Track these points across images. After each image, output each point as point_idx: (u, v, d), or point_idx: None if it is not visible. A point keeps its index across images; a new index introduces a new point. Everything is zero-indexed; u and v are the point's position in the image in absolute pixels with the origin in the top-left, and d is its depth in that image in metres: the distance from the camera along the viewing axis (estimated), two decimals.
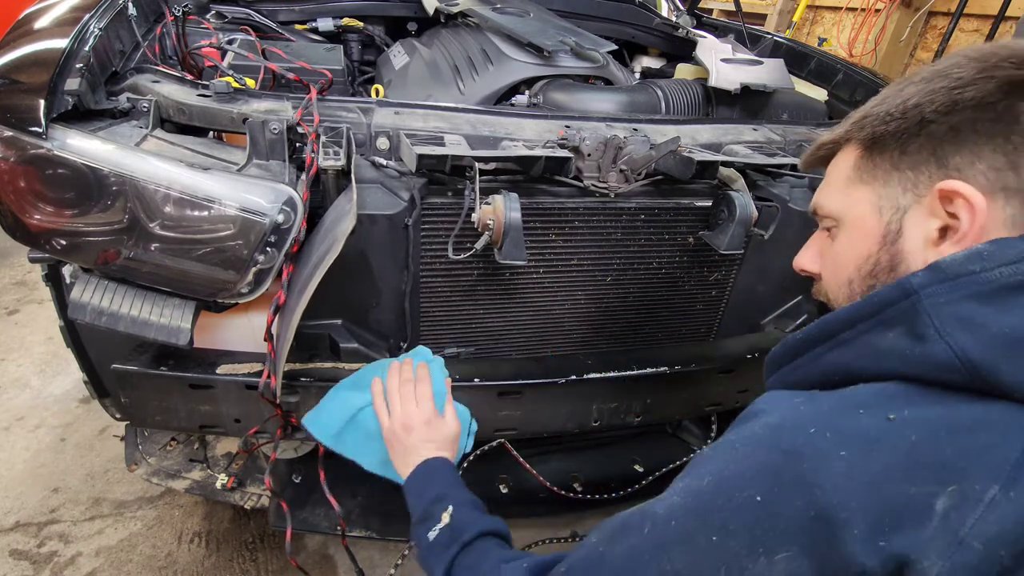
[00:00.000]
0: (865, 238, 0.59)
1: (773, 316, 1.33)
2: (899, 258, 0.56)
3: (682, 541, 0.50)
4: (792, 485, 0.46)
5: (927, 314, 0.48)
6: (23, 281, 2.56)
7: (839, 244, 0.63)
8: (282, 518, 1.19)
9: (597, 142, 0.99)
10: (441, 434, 0.90)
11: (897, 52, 4.19)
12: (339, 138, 0.92)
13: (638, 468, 1.49)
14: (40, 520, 1.54)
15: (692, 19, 1.97)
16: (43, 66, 0.85)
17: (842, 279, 0.63)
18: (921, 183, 0.55)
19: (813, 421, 0.49)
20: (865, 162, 0.59)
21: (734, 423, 0.59)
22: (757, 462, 0.49)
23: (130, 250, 0.84)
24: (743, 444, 0.53)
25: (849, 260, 0.61)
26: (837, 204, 0.63)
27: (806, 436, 0.48)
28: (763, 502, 0.47)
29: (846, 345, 0.54)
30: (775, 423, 0.51)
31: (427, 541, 0.82)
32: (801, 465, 0.46)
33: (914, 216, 0.55)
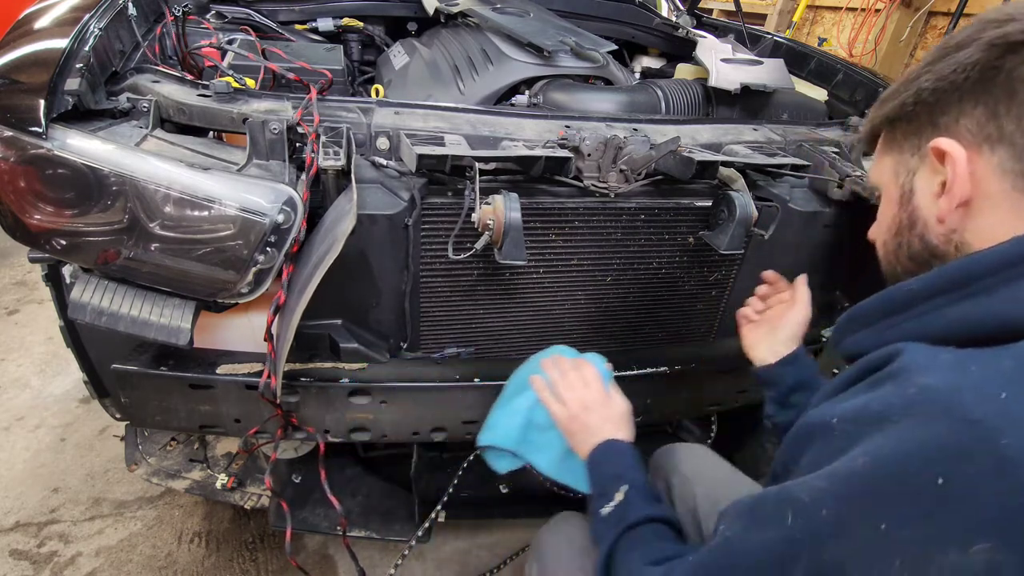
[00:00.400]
0: (890, 201, 0.65)
1: None
2: (915, 215, 0.61)
3: (840, 533, 0.44)
4: (989, 465, 0.39)
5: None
6: (23, 281, 2.56)
7: (879, 210, 0.68)
8: (282, 518, 1.19)
9: (597, 142, 0.99)
10: (617, 412, 0.93)
11: (897, 52, 4.19)
12: (339, 138, 0.92)
13: None
14: (40, 520, 1.54)
15: (692, 19, 1.97)
16: (43, 66, 0.85)
17: (880, 240, 0.68)
18: (922, 145, 0.59)
19: (999, 384, 0.42)
20: (887, 135, 0.66)
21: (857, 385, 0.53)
22: (931, 437, 0.42)
23: (130, 250, 0.84)
24: (900, 414, 0.45)
25: (883, 223, 0.67)
26: (873, 175, 0.70)
27: (997, 404, 0.41)
28: (947, 484, 0.40)
29: (988, 294, 0.49)
30: (942, 386, 0.44)
31: (599, 516, 0.81)
32: (998, 441, 0.39)
33: (921, 176, 0.60)
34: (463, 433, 1.17)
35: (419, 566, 1.51)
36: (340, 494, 1.38)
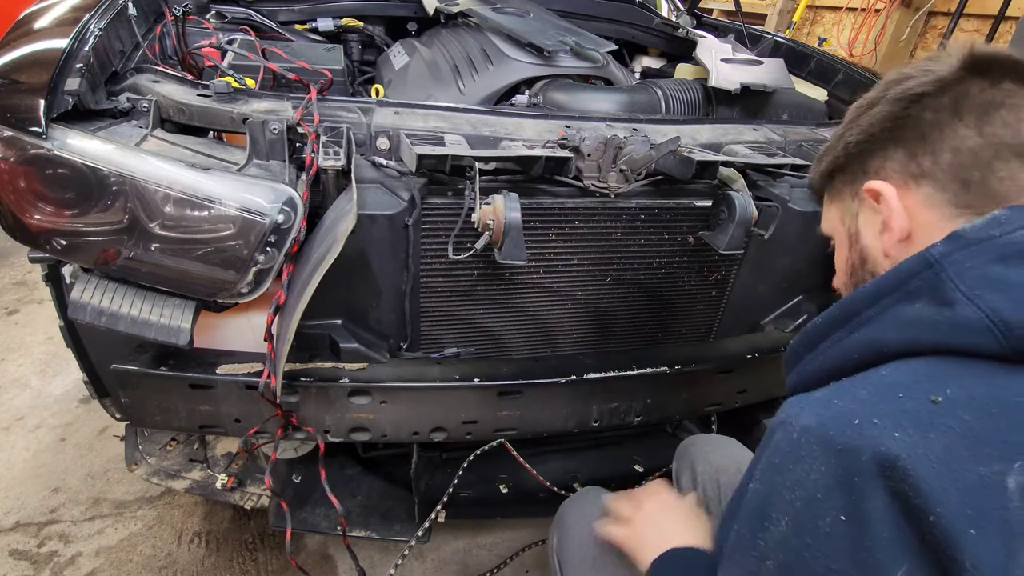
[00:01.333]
0: (841, 245, 0.69)
1: (773, 316, 1.33)
2: (864, 254, 0.64)
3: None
4: (869, 487, 0.43)
5: (952, 280, 0.49)
6: (23, 281, 2.56)
7: (836, 259, 0.72)
8: (282, 518, 1.19)
9: (597, 142, 0.99)
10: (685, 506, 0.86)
11: (897, 52, 4.19)
12: (339, 138, 0.92)
13: (638, 468, 1.50)
14: (40, 520, 1.54)
15: (692, 19, 1.97)
16: (43, 66, 0.85)
17: (841, 285, 0.71)
18: (858, 189, 0.64)
19: (854, 412, 0.46)
20: (829, 188, 0.71)
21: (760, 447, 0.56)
22: (818, 476, 0.46)
23: (130, 250, 0.84)
24: (788, 461, 0.49)
25: (839, 267, 0.71)
26: (824, 225, 0.74)
27: (854, 429, 0.45)
28: (849, 519, 0.43)
29: (871, 322, 0.54)
30: (812, 425, 0.48)
31: None
32: (860, 460, 0.43)
33: (863, 216, 0.64)
34: (463, 433, 1.17)
35: (419, 566, 1.51)
36: (340, 494, 1.38)
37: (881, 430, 0.44)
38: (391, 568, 1.20)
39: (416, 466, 1.37)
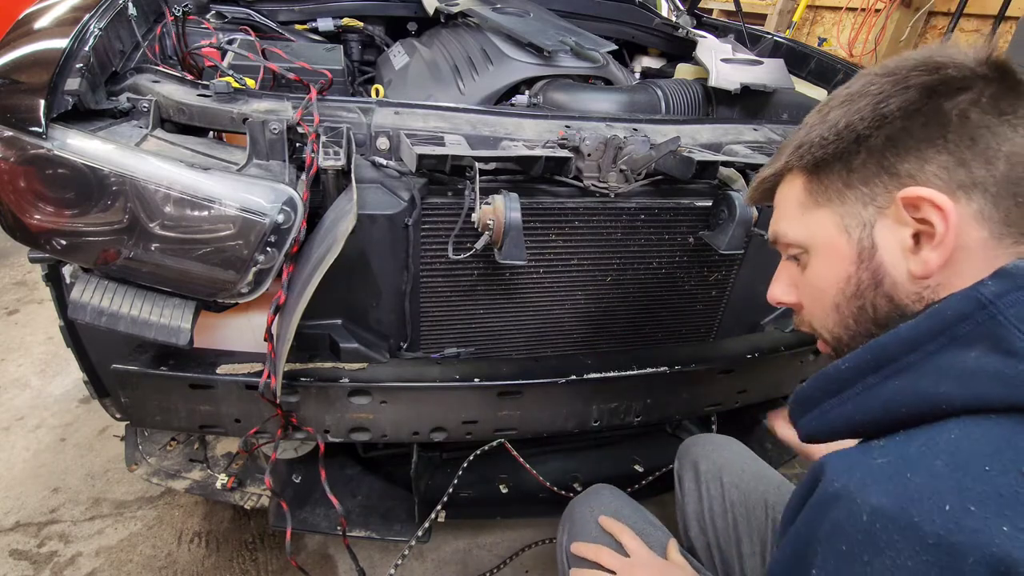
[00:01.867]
0: (840, 260, 0.58)
1: (773, 316, 1.33)
2: (881, 272, 0.55)
3: None
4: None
5: (1015, 326, 0.43)
6: (23, 281, 2.56)
7: (813, 271, 0.61)
8: (282, 518, 1.19)
9: (597, 142, 0.99)
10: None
11: (897, 52, 4.16)
12: (339, 138, 0.92)
13: (638, 468, 1.50)
14: (40, 520, 1.54)
15: (692, 19, 1.97)
16: (43, 66, 0.85)
17: (827, 305, 0.60)
18: (878, 195, 0.54)
19: (937, 492, 0.40)
20: (814, 186, 0.59)
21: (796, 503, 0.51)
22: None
23: (130, 250, 0.84)
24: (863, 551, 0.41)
25: (829, 285, 0.59)
26: (799, 231, 0.61)
27: (947, 518, 0.38)
28: None
29: (912, 370, 0.47)
30: (887, 507, 0.41)
31: None
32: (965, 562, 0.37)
33: (883, 228, 0.54)
34: (463, 433, 1.17)
35: (419, 566, 1.51)
36: (340, 494, 1.38)
37: (983, 521, 0.37)
38: (391, 568, 1.20)
39: (416, 466, 1.37)
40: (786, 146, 0.63)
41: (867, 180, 0.55)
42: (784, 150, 0.63)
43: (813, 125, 0.60)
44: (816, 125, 0.59)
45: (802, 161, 0.60)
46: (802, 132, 0.61)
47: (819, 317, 0.63)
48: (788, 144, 0.63)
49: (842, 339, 0.61)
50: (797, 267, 0.64)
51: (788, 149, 0.62)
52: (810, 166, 0.59)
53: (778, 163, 0.64)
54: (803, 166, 0.60)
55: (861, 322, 0.58)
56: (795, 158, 0.61)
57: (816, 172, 0.59)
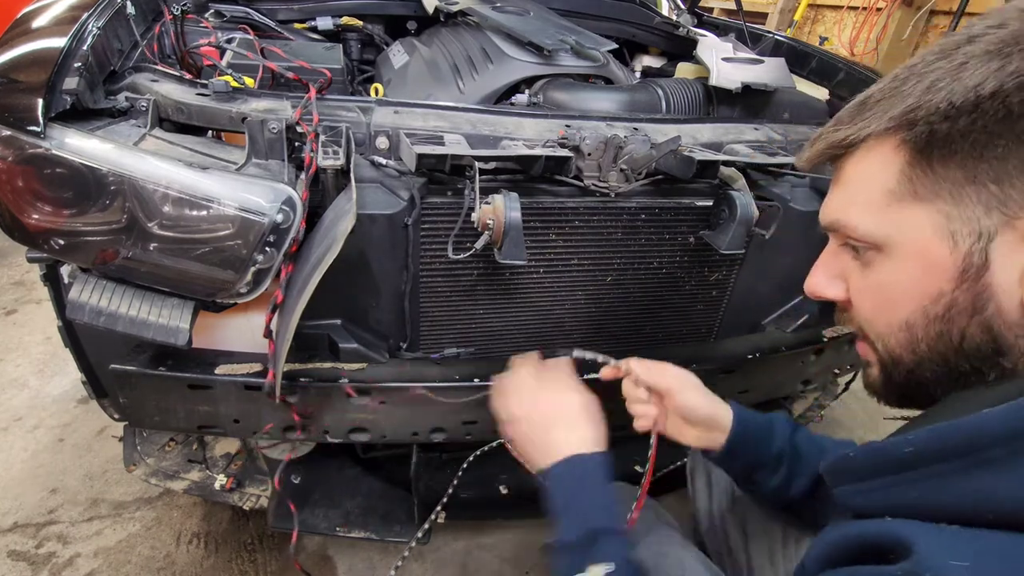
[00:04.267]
0: (931, 271, 0.45)
1: (774, 316, 1.33)
2: (986, 297, 0.43)
3: None
4: None
5: None
6: (21, 281, 2.55)
7: (885, 275, 0.49)
8: (282, 519, 1.19)
9: (597, 141, 0.98)
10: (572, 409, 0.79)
11: (899, 51, 4.19)
12: (338, 137, 0.91)
13: (638, 468, 1.49)
14: (38, 521, 1.54)
15: (693, 18, 1.97)
16: (41, 65, 0.84)
17: (895, 320, 0.49)
18: (1013, 199, 0.41)
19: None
20: (919, 171, 0.45)
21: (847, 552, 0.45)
22: None
23: (128, 250, 0.84)
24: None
25: (906, 298, 0.47)
26: (879, 226, 0.48)
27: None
28: None
29: (997, 468, 0.38)
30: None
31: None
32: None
33: (1005, 243, 0.42)
34: (463, 433, 1.17)
35: (419, 567, 1.51)
36: (340, 495, 1.38)
37: None
38: (391, 570, 1.19)
39: (416, 467, 1.37)
40: (877, 99, 0.47)
41: (1003, 178, 0.41)
42: (873, 106, 0.48)
43: (938, 80, 0.43)
44: (943, 81, 0.43)
45: (911, 132, 0.44)
46: (916, 86, 0.45)
47: (877, 327, 0.52)
48: (884, 97, 0.47)
49: (902, 361, 0.50)
50: (854, 259, 0.52)
51: (885, 106, 0.46)
52: (921, 143, 0.44)
53: (865, 124, 0.48)
54: (909, 140, 0.45)
55: (938, 349, 0.47)
56: (898, 124, 0.45)
57: (927, 153, 0.44)
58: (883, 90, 0.47)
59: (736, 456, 0.85)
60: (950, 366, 0.47)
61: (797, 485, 0.83)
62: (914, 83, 0.45)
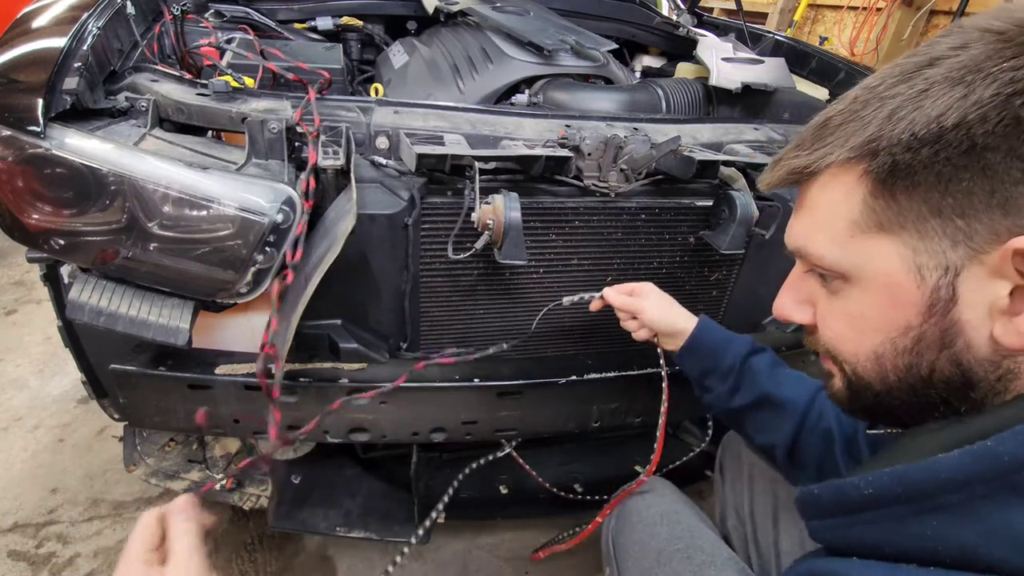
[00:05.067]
0: (898, 305, 0.44)
1: (774, 316, 1.33)
2: (954, 332, 0.43)
3: None
4: None
5: None
6: (21, 281, 2.55)
7: (852, 305, 0.48)
8: (281, 519, 1.19)
9: (597, 141, 0.98)
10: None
11: (899, 51, 4.18)
12: (338, 137, 0.91)
13: (638, 468, 1.49)
14: (38, 521, 1.54)
15: (693, 18, 1.97)
16: (41, 65, 0.84)
17: (862, 349, 0.48)
18: (979, 234, 0.40)
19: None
20: (883, 203, 0.43)
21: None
22: None
23: (128, 250, 0.84)
24: None
25: (873, 329, 0.47)
26: (843, 257, 0.47)
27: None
28: None
29: (955, 514, 0.39)
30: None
31: None
32: None
33: (972, 277, 0.41)
34: (463, 433, 1.16)
35: (419, 567, 1.51)
36: (340, 495, 1.38)
37: None
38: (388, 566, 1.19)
39: (416, 467, 1.37)
40: (837, 122, 0.46)
41: (969, 212, 0.40)
42: (835, 130, 0.46)
43: (899, 108, 0.42)
44: (904, 109, 0.41)
45: (873, 163, 0.43)
46: (876, 112, 0.43)
47: (844, 354, 0.51)
48: (844, 121, 0.45)
49: (871, 387, 0.50)
50: (821, 286, 0.52)
51: (846, 133, 0.45)
52: (883, 173, 0.43)
53: (826, 151, 0.46)
54: (872, 170, 0.43)
55: (907, 380, 0.47)
56: (860, 154, 0.44)
57: (890, 184, 0.43)
58: (843, 112, 0.46)
59: (691, 359, 0.98)
60: (919, 396, 0.47)
61: (738, 398, 0.92)
62: (875, 109, 0.44)
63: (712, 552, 0.85)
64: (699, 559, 0.83)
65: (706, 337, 0.97)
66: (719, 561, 0.83)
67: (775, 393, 0.89)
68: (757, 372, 0.92)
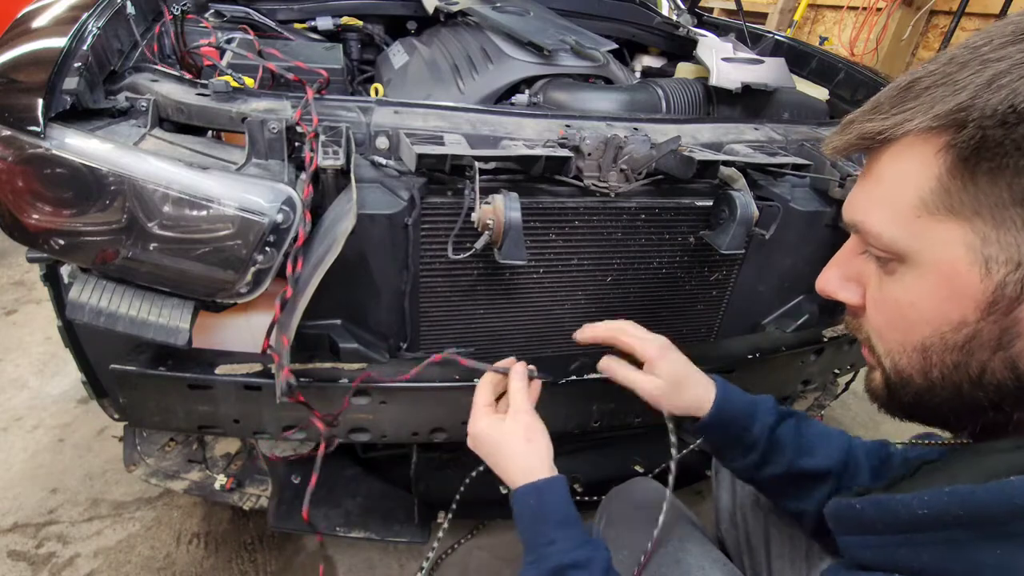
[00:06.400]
0: (956, 297, 0.41)
1: (774, 316, 1.33)
2: (1014, 333, 0.39)
3: None
4: None
5: None
6: (21, 281, 2.55)
7: (905, 292, 0.44)
8: (282, 519, 1.19)
9: (597, 141, 0.98)
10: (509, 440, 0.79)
11: (899, 51, 4.19)
12: (338, 137, 0.91)
13: (638, 468, 1.49)
14: (38, 521, 1.54)
15: (693, 18, 1.97)
16: (41, 65, 0.84)
17: (909, 340, 0.45)
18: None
19: None
20: (960, 183, 0.38)
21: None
22: None
23: (128, 250, 0.84)
24: None
25: (924, 319, 0.43)
26: (905, 237, 0.42)
27: None
28: None
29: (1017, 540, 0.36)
30: None
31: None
32: None
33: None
34: (463, 433, 1.16)
35: (419, 566, 1.51)
36: (340, 495, 1.38)
37: None
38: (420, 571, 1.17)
39: (416, 467, 1.36)
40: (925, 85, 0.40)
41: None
42: (920, 94, 0.40)
43: (1003, 73, 0.36)
44: (1008, 76, 0.36)
45: (958, 135, 0.38)
46: (974, 76, 0.37)
47: (889, 344, 0.47)
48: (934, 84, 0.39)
49: (911, 382, 0.46)
50: (876, 266, 0.47)
51: (933, 97, 0.39)
52: (967, 150, 0.37)
53: (906, 117, 0.40)
54: (954, 144, 0.38)
55: (952, 378, 0.44)
56: (945, 123, 0.38)
57: (972, 163, 0.38)
58: (934, 74, 0.40)
59: (712, 433, 0.85)
60: (964, 397, 0.43)
61: (767, 471, 0.82)
62: (973, 72, 0.37)
63: (700, 554, 0.86)
64: (687, 562, 0.84)
65: (728, 408, 0.84)
66: (707, 564, 0.84)
67: (808, 466, 0.80)
68: (785, 444, 0.82)
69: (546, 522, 0.70)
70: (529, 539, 0.71)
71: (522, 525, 0.73)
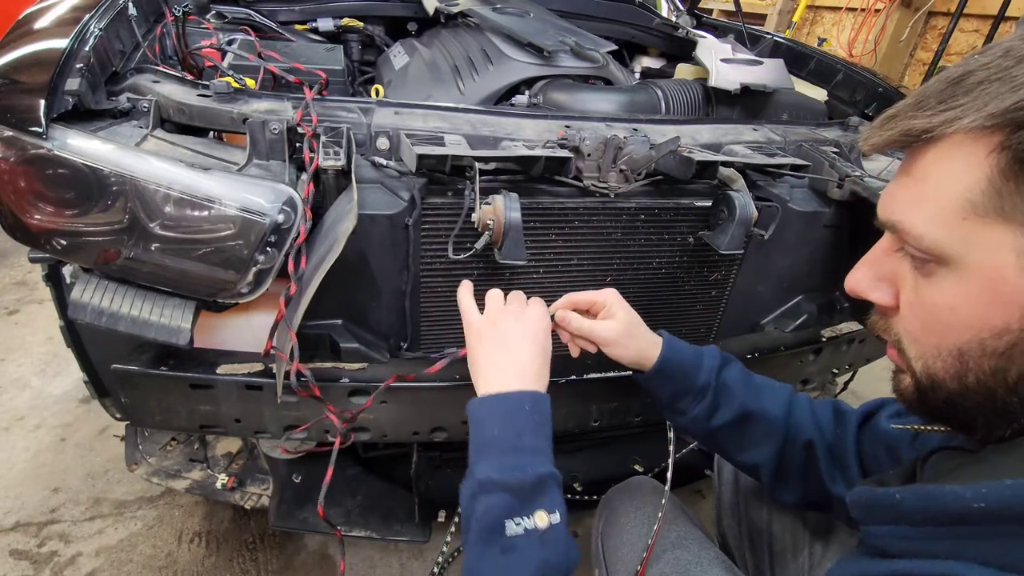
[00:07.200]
0: (1000, 303, 0.39)
1: (773, 316, 1.33)
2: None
3: None
4: None
5: None
6: (23, 281, 2.56)
7: (944, 296, 0.42)
8: (283, 518, 1.19)
9: (597, 142, 0.99)
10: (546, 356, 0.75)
11: (897, 52, 4.20)
12: (339, 138, 0.92)
13: (638, 468, 1.50)
14: (40, 520, 1.54)
15: (692, 19, 1.97)
16: (43, 66, 0.85)
17: (945, 344, 0.43)
18: None
19: None
20: (1013, 186, 0.36)
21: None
22: None
23: (130, 250, 0.84)
24: None
25: (963, 324, 0.41)
26: (946, 240, 0.40)
27: None
28: None
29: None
30: None
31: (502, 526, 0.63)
32: None
33: None
34: (463, 433, 1.17)
35: (419, 566, 1.51)
36: (340, 494, 1.38)
37: None
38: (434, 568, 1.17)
39: (416, 466, 1.37)
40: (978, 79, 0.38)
41: None
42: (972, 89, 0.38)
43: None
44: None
45: (1014, 136, 0.36)
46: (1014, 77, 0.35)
47: (923, 348, 0.46)
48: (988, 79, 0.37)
49: (943, 387, 0.45)
50: (911, 266, 0.45)
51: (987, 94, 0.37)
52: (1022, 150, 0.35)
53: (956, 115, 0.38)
54: (1009, 146, 0.36)
55: (988, 384, 0.42)
56: (1000, 122, 0.36)
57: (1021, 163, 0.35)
58: (989, 68, 0.38)
59: (660, 381, 0.88)
60: (997, 402, 0.42)
61: (719, 417, 0.85)
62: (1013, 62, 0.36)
63: (698, 552, 0.86)
64: (686, 559, 0.84)
65: (675, 356, 0.86)
66: (705, 561, 0.84)
67: (756, 408, 0.83)
68: (733, 387, 0.86)
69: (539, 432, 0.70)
70: (502, 438, 0.69)
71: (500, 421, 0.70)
